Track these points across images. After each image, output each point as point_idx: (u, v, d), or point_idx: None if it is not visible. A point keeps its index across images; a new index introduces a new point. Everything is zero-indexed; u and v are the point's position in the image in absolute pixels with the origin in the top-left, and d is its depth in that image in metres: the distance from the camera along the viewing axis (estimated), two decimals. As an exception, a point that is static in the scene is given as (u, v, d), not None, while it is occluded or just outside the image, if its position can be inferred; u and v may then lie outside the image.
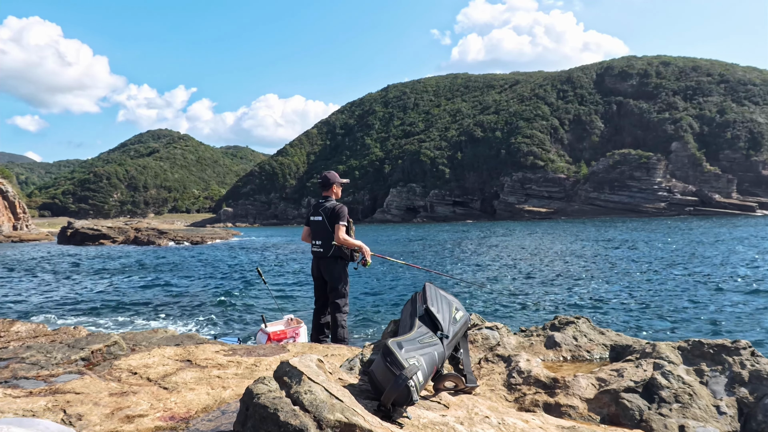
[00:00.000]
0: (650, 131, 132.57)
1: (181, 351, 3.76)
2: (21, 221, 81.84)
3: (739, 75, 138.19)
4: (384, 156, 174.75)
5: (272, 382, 1.92)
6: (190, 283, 21.17)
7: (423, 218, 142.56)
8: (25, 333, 4.66)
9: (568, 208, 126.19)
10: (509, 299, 15.18)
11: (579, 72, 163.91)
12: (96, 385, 2.86)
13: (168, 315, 14.05)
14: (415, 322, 2.40)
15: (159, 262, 32.31)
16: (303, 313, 12.14)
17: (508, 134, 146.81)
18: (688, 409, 2.41)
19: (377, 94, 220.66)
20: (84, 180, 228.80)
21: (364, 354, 2.75)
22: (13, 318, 7.20)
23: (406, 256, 32.50)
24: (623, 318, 12.17)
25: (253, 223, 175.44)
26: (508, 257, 29.00)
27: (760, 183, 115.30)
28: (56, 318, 13.89)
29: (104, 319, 13.64)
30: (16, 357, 3.42)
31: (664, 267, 21.76)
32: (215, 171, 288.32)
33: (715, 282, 17.10)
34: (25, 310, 15.43)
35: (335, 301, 5.12)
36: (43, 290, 19.80)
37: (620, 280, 18.44)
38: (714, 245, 32.26)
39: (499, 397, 2.67)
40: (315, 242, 5.14)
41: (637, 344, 3.00)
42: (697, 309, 12.85)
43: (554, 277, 19.85)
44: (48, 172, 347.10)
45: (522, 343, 3.23)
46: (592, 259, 26.33)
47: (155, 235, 55.86)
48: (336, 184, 5.19)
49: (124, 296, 17.77)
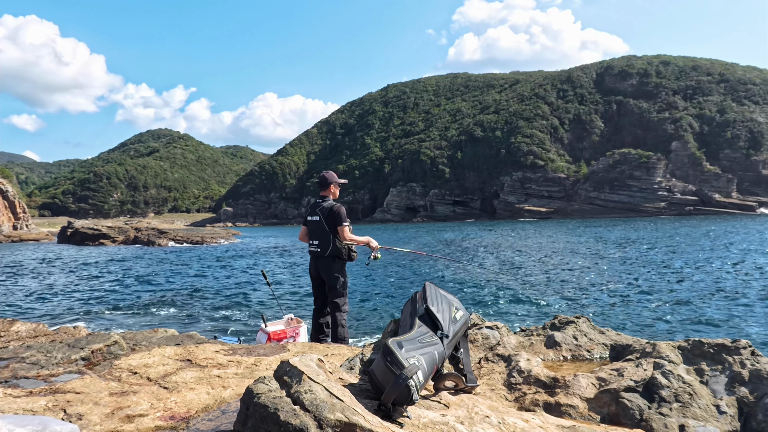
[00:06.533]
0: (650, 131, 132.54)
1: (181, 350, 3.76)
2: (21, 221, 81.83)
3: (739, 74, 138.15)
4: (384, 156, 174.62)
5: (272, 381, 1.92)
6: (190, 282, 21.17)
7: (423, 218, 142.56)
8: (25, 333, 4.66)
9: (568, 208, 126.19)
10: (509, 298, 15.18)
11: (579, 71, 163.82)
12: (96, 385, 2.86)
13: (168, 314, 14.05)
14: (416, 321, 2.40)
15: (159, 262, 32.32)
16: (303, 313, 12.14)
17: (508, 134, 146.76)
18: (689, 409, 2.41)
19: (377, 94, 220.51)
20: (84, 180, 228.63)
21: (364, 353, 2.75)
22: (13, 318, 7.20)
23: (406, 256, 32.51)
24: (623, 317, 12.18)
25: (253, 223, 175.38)
26: (508, 257, 29.00)
27: (760, 182, 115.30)
28: (56, 318, 13.89)
29: (104, 319, 13.64)
30: (16, 357, 3.42)
31: (664, 266, 21.77)
32: (215, 171, 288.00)
33: (715, 282, 17.11)
34: (26, 309, 15.44)
35: (334, 300, 5.12)
36: (43, 290, 19.80)
37: (620, 279, 18.44)
38: (714, 245, 32.26)
39: (500, 396, 2.67)
40: (313, 242, 5.13)
41: (637, 344, 3.00)
42: (697, 309, 12.85)
43: (554, 276, 19.86)
44: (48, 171, 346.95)
45: (522, 343, 3.23)
46: (592, 258, 26.34)
47: (155, 235, 55.90)
48: (334, 184, 5.21)
49: (124, 296, 17.78)
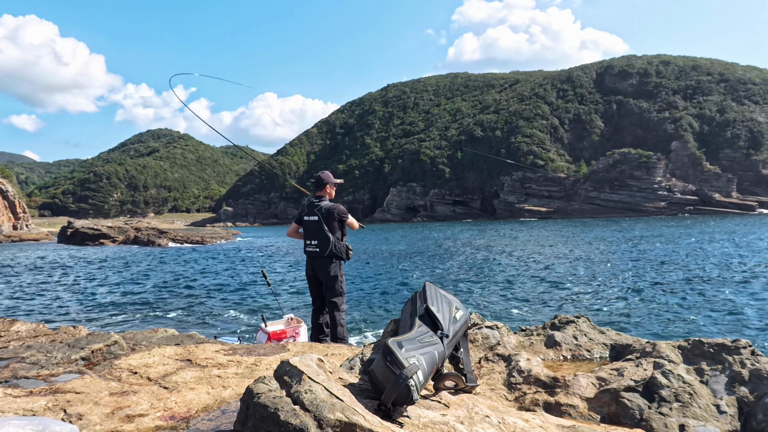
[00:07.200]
0: (650, 130, 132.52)
1: (181, 350, 3.76)
2: (21, 221, 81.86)
3: (739, 74, 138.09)
4: (384, 155, 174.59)
5: (272, 381, 1.92)
6: (190, 282, 21.16)
7: (423, 218, 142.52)
8: (25, 332, 4.66)
9: (568, 208, 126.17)
10: (509, 298, 15.18)
11: (579, 71, 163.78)
12: (96, 385, 2.86)
13: (168, 314, 14.05)
14: (416, 321, 2.40)
15: (159, 262, 32.32)
16: (303, 313, 12.14)
17: (508, 133, 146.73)
18: (689, 408, 2.41)
19: (377, 94, 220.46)
20: (84, 179, 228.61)
21: (364, 353, 2.75)
22: (13, 317, 7.20)
23: (406, 256, 32.51)
24: (623, 317, 12.18)
25: (253, 223, 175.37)
26: (507, 257, 29.00)
27: (760, 182, 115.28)
28: (56, 318, 13.89)
29: (104, 319, 13.64)
30: (16, 356, 3.42)
31: (664, 266, 21.76)
32: (215, 170, 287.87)
33: (715, 281, 17.11)
34: (25, 309, 15.44)
35: (332, 300, 5.12)
36: (43, 290, 19.80)
37: (620, 279, 18.44)
38: (714, 244, 32.26)
39: (500, 396, 2.67)
40: (311, 242, 5.11)
41: (638, 343, 2.99)
42: (697, 308, 12.86)
43: (554, 276, 19.85)
44: (48, 171, 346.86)
45: (522, 343, 3.23)
46: (592, 258, 26.33)
47: (155, 235, 55.93)
48: (330, 184, 5.24)
49: (124, 296, 17.78)
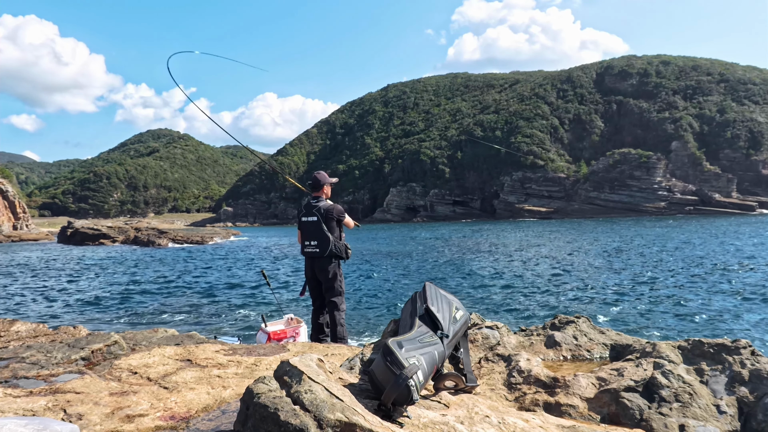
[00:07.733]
0: (650, 130, 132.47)
1: (181, 350, 3.76)
2: (21, 221, 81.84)
3: (739, 74, 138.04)
4: (384, 155, 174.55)
5: (272, 381, 1.92)
6: (190, 282, 21.16)
7: (423, 218, 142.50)
8: (25, 332, 4.66)
9: (568, 208, 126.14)
10: (509, 299, 15.18)
11: (579, 71, 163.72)
12: (96, 385, 2.86)
13: (168, 314, 14.05)
14: (416, 321, 2.40)
15: (159, 262, 32.31)
16: (303, 313, 12.14)
17: (508, 134, 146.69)
18: (689, 409, 2.41)
19: (377, 94, 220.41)
20: (84, 180, 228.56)
21: (364, 353, 2.74)
22: (13, 318, 7.20)
23: (406, 256, 32.51)
24: (623, 317, 12.18)
25: (253, 223, 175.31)
26: (507, 257, 29.00)
27: (760, 182, 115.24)
28: (56, 318, 13.89)
29: (104, 319, 13.64)
30: (16, 357, 3.42)
31: (664, 266, 21.76)
32: (215, 170, 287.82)
33: (715, 281, 17.10)
34: (26, 309, 15.43)
35: (332, 300, 5.13)
36: (43, 290, 19.80)
37: (620, 279, 18.44)
38: (714, 245, 32.26)
39: (500, 396, 2.67)
40: (309, 243, 5.10)
41: (638, 343, 2.99)
42: (697, 308, 12.85)
43: (554, 276, 19.85)
44: (48, 171, 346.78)
45: (522, 343, 3.23)
46: (592, 258, 26.33)
47: (155, 235, 55.91)
48: (327, 184, 5.27)
49: (124, 296, 17.78)
